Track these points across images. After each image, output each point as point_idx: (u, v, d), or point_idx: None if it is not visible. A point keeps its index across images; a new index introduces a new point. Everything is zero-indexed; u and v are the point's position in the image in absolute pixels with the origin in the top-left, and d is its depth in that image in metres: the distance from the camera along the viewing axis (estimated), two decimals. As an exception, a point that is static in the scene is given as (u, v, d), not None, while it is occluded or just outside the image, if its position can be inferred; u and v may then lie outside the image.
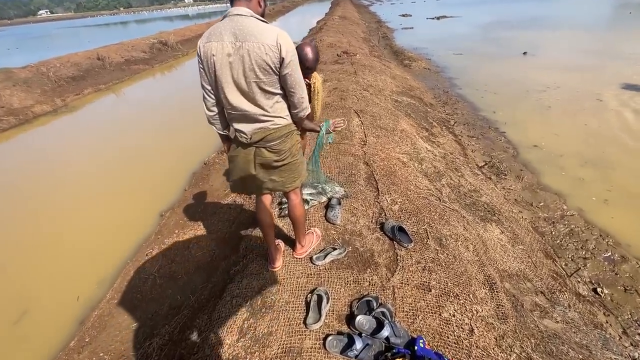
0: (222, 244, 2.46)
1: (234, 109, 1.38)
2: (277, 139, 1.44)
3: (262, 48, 1.23)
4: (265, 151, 1.45)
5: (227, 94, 1.34)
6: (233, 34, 1.24)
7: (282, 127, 1.45)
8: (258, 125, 1.40)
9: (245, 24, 1.24)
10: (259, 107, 1.37)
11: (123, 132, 6.43)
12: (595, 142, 4.41)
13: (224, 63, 1.27)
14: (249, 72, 1.27)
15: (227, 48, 1.25)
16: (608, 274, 2.51)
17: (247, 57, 1.24)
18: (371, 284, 1.64)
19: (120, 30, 32.84)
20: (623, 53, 8.82)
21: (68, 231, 3.56)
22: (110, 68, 10.98)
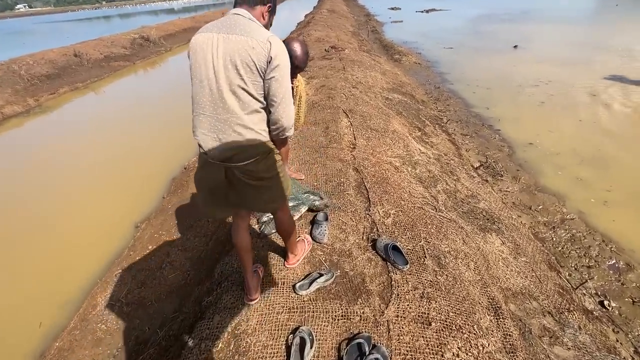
0: (197, 264, 2.21)
1: (203, 110, 1.19)
2: (249, 157, 1.22)
3: (249, 42, 1.11)
4: (237, 172, 1.24)
5: (200, 89, 1.18)
6: (224, 27, 1.15)
7: (257, 144, 1.22)
8: (227, 138, 1.18)
9: (239, 21, 1.16)
10: (233, 112, 1.16)
11: (100, 133, 6.05)
12: (590, 138, 4.28)
13: (205, 54, 1.15)
14: (230, 67, 1.13)
15: (213, 39, 1.14)
16: (614, 285, 2.36)
17: (231, 50, 1.12)
18: (362, 319, 1.43)
19: (102, 25, 31.69)
20: (612, 45, 8.78)
21: (33, 245, 3.26)
22: (89, 65, 10.47)
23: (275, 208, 1.47)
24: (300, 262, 1.75)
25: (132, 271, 2.42)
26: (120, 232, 3.25)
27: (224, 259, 1.89)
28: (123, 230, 3.26)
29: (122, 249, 2.95)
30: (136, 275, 2.34)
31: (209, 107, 1.18)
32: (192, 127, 1.25)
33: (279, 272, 1.71)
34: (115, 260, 2.82)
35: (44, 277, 2.81)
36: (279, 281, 1.64)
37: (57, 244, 3.21)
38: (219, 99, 1.16)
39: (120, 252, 2.93)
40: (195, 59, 1.17)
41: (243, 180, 1.25)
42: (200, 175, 1.33)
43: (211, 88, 1.15)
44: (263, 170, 1.27)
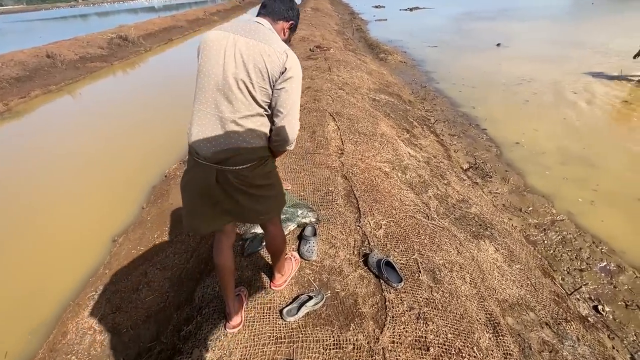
0: (177, 285, 2.06)
1: (205, 106, 1.12)
2: (245, 162, 1.14)
3: (266, 49, 1.09)
4: (230, 176, 1.14)
5: (206, 84, 1.11)
6: (242, 31, 1.12)
7: (255, 149, 1.14)
8: (226, 138, 1.10)
9: (260, 29, 1.14)
10: (236, 111, 1.09)
11: (76, 139, 5.74)
12: (575, 137, 4.31)
13: (218, 50, 1.10)
14: (242, 68, 1.08)
15: (229, 38, 1.11)
16: (607, 288, 2.33)
17: (246, 52, 1.09)
18: (356, 347, 1.32)
19: (79, 24, 30.52)
20: (589, 42, 8.98)
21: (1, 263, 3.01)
22: (63, 67, 9.99)
23: (268, 220, 1.36)
24: (288, 283, 1.63)
25: (107, 293, 2.24)
26: (97, 246, 3.04)
27: (204, 281, 1.75)
28: (99, 245, 3.06)
29: (98, 266, 2.76)
30: (111, 298, 2.16)
31: (212, 104, 1.11)
32: (188, 125, 1.17)
33: (265, 295, 1.58)
34: (89, 280, 2.63)
35: (12, 300, 2.59)
36: (264, 306, 1.52)
37: (27, 261, 2.97)
38: (224, 96, 1.10)
39: (95, 269, 2.74)
40: (206, 54, 1.12)
41: (236, 187, 1.16)
42: (188, 178, 1.22)
43: (217, 84, 1.10)
44: (259, 177, 1.20)
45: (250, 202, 1.21)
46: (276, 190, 1.31)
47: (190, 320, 1.57)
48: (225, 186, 1.16)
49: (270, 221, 1.38)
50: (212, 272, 1.83)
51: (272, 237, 1.44)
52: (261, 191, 1.23)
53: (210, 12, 22.80)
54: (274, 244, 1.46)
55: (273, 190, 1.28)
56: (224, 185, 1.16)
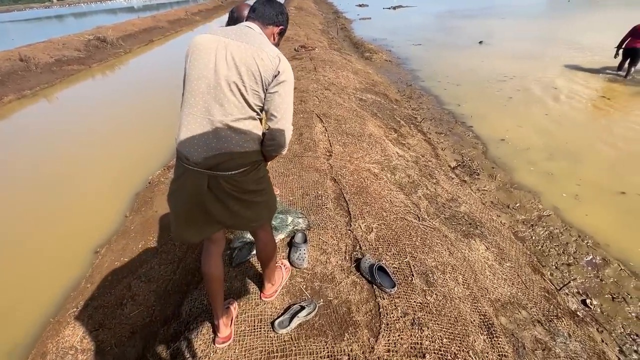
0: (164, 297, 1.98)
1: (195, 110, 1.08)
2: (238, 167, 1.11)
3: (259, 53, 1.07)
4: (223, 182, 1.11)
5: (196, 87, 1.08)
6: (232, 34, 1.10)
7: (248, 153, 1.11)
8: (217, 142, 1.07)
9: (250, 33, 1.13)
10: (228, 114, 1.06)
11: (54, 145, 5.50)
12: (557, 132, 4.40)
13: (209, 52, 1.08)
14: (234, 71, 1.06)
15: (220, 41, 1.09)
16: (594, 281, 2.38)
17: (239, 55, 1.07)
18: (351, 358, 1.28)
19: (54, 25, 29.43)
20: (567, 39, 9.24)
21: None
22: (37, 70, 9.59)
23: (259, 227, 1.33)
24: (279, 293, 1.58)
25: (89, 309, 2.13)
26: (78, 258, 2.91)
27: (192, 294, 1.68)
28: (80, 257, 2.92)
29: (79, 280, 2.64)
30: (93, 314, 2.06)
31: (202, 107, 1.08)
32: (177, 130, 1.13)
33: (255, 306, 1.53)
34: (70, 295, 2.51)
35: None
36: (254, 318, 1.47)
37: (2, 276, 2.82)
38: (215, 99, 1.07)
39: (76, 283, 2.62)
40: (196, 57, 1.09)
41: (228, 193, 1.13)
42: (177, 186, 1.17)
43: (209, 87, 1.07)
44: (252, 182, 1.17)
45: (242, 208, 1.18)
46: (268, 196, 1.28)
47: (177, 335, 1.50)
48: (217, 192, 1.13)
49: (261, 227, 1.35)
50: (199, 284, 1.76)
51: (263, 244, 1.40)
52: (253, 197, 1.20)
53: (191, 12, 22.37)
54: (265, 251, 1.42)
55: (265, 196, 1.25)
56: (216, 192, 1.13)
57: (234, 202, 1.16)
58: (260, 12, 1.18)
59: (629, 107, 5.06)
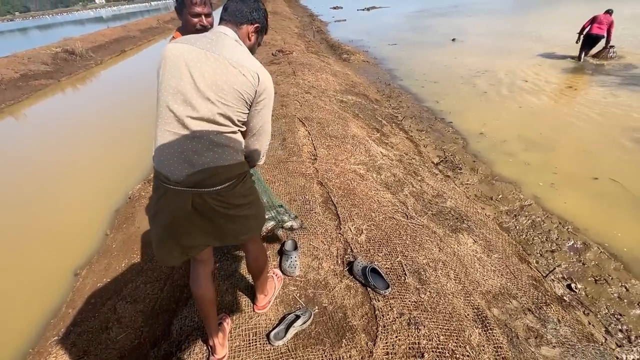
0: (152, 318, 1.90)
1: (171, 126, 1.01)
2: (223, 181, 1.04)
3: (239, 69, 1.01)
4: (209, 199, 1.04)
5: (172, 101, 1.00)
6: (209, 45, 1.02)
7: (233, 166, 1.05)
8: (199, 158, 1.00)
9: (226, 42, 1.05)
10: (209, 129, 1.00)
11: (24, 165, 5.23)
12: (531, 123, 4.56)
13: (187, 63, 1.00)
14: (214, 88, 1.00)
15: (196, 53, 1.01)
16: (576, 266, 2.46)
17: (219, 71, 1.00)
18: (350, 365, 1.26)
19: (18, 39, 28.14)
20: (534, 33, 9.64)
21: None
22: (2, 87, 9.13)
23: (249, 239, 1.27)
24: (272, 303, 1.54)
25: (72, 336, 2.02)
26: (56, 282, 2.76)
27: (182, 312, 1.62)
28: (59, 280, 2.78)
29: (59, 305, 2.50)
30: (77, 341, 1.95)
31: (179, 124, 1.00)
32: (153, 148, 1.05)
33: (249, 319, 1.49)
34: (50, 322, 2.37)
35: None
36: (249, 332, 1.43)
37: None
38: (194, 112, 0.99)
39: (57, 309, 2.48)
40: (169, 69, 1.01)
41: (215, 209, 1.06)
42: (157, 208, 1.08)
43: (186, 102, 0.99)
44: (239, 196, 1.10)
45: (229, 223, 1.13)
46: (256, 208, 1.22)
47: (169, 357, 1.44)
48: (202, 210, 1.06)
49: (251, 240, 1.30)
50: (189, 301, 1.70)
51: (254, 256, 1.36)
52: (241, 210, 1.13)
53: (164, 20, 21.93)
54: (256, 263, 1.38)
55: (253, 209, 1.19)
56: (201, 210, 1.05)
57: (221, 218, 1.10)
58: (231, 10, 1.09)
59: (592, 95, 5.32)
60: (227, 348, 1.37)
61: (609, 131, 4.19)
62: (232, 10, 1.10)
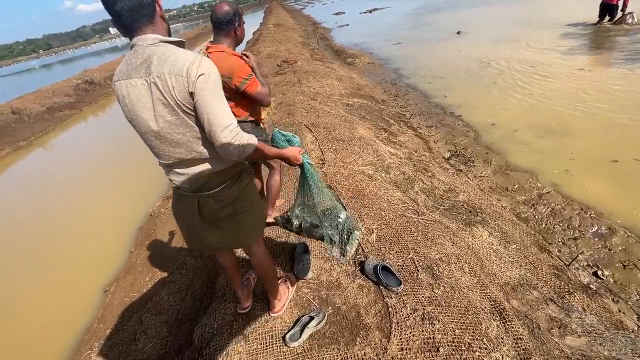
0: (175, 327, 1.98)
1: (160, 157, 1.10)
2: (220, 183, 1.15)
3: (171, 80, 0.94)
4: (211, 201, 1.16)
5: (146, 140, 1.08)
6: (140, 68, 0.97)
7: (224, 170, 1.12)
8: (191, 171, 1.10)
9: (153, 54, 0.96)
10: (184, 148, 1.04)
11: (54, 191, 5.56)
12: (544, 110, 4.42)
13: (135, 103, 1.00)
14: (162, 110, 0.99)
15: (136, 86, 0.98)
16: (602, 252, 2.36)
17: (158, 93, 0.96)
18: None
19: (43, 75, 30.02)
20: (540, 18, 9.37)
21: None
22: (30, 120, 9.76)
23: (253, 241, 1.35)
24: (287, 307, 1.58)
25: (104, 349, 2.13)
26: (88, 300, 2.92)
27: (202, 319, 1.68)
28: (91, 298, 2.93)
29: (92, 321, 2.64)
30: (108, 354, 2.06)
31: (165, 153, 1.08)
32: None
33: (265, 323, 1.53)
34: (84, 338, 2.51)
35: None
36: (265, 335, 1.47)
37: (17, 327, 2.83)
38: (167, 143, 1.04)
39: (89, 325, 2.62)
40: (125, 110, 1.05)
41: (217, 209, 1.17)
42: (177, 210, 1.26)
43: (156, 137, 1.04)
44: (237, 194, 1.20)
45: (235, 223, 1.23)
46: (256, 206, 1.31)
47: (192, 364, 1.50)
48: (207, 212, 1.17)
49: (255, 243, 1.36)
50: (208, 309, 1.76)
51: (257, 261, 1.41)
52: (243, 207, 1.22)
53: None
54: (260, 266, 1.42)
55: (253, 205, 1.27)
56: (206, 211, 1.17)
57: (225, 221, 1.20)
58: (126, 13, 0.94)
59: (606, 77, 5.09)
60: (251, 300, 1.65)
61: (627, 110, 4.00)
62: (125, 13, 0.94)
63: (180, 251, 2.76)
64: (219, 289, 1.86)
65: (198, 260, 2.41)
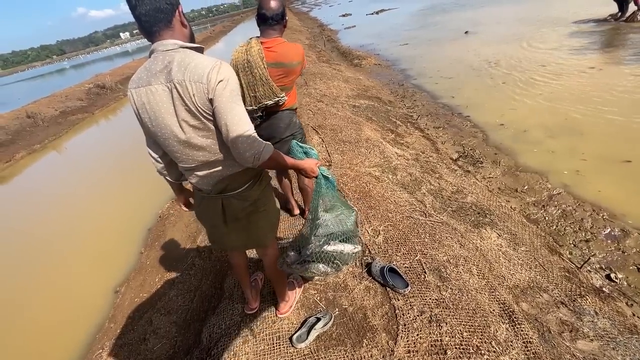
0: (184, 328, 2.00)
1: (183, 162, 1.12)
2: (243, 184, 1.19)
3: (192, 87, 0.95)
4: (235, 200, 1.20)
5: (169, 146, 1.08)
6: (161, 74, 0.98)
7: (246, 171, 1.15)
8: (215, 173, 1.12)
9: (173, 60, 0.97)
10: (208, 151, 1.07)
11: (67, 194, 5.69)
12: (554, 110, 4.35)
13: (157, 110, 1.00)
14: (185, 115, 1.00)
15: (157, 92, 0.99)
16: (615, 255, 2.31)
17: (179, 100, 0.97)
18: (372, 364, 1.27)
19: (56, 80, 30.75)
20: (550, 16, 9.22)
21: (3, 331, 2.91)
22: (44, 124, 10.01)
23: (270, 241, 1.39)
24: (294, 308, 1.59)
25: (115, 349, 2.17)
26: (100, 300, 2.97)
27: (210, 320, 1.70)
28: (102, 298, 2.99)
29: (103, 321, 2.69)
30: (119, 353, 2.10)
31: (187, 158, 1.10)
32: (165, 174, 1.28)
33: (272, 324, 1.54)
34: (96, 336, 2.56)
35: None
36: (273, 335, 1.48)
37: (31, 326, 2.89)
38: (190, 147, 1.06)
39: (101, 324, 2.67)
40: (145, 117, 1.05)
41: (240, 210, 1.21)
42: (200, 210, 1.30)
43: (179, 142, 1.05)
44: (258, 194, 1.24)
45: (254, 223, 1.27)
46: (273, 207, 1.34)
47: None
48: (231, 212, 1.20)
49: (270, 245, 1.41)
50: (216, 309, 1.78)
51: (270, 261, 1.44)
52: (263, 206, 1.27)
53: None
54: (273, 268, 1.45)
55: (271, 205, 1.32)
56: (230, 211, 1.20)
57: (244, 219, 1.24)
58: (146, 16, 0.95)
59: (618, 76, 4.98)
60: (259, 302, 1.67)
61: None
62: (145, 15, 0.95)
63: (188, 252, 2.80)
64: (227, 289, 1.89)
65: (206, 261, 2.44)
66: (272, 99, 1.67)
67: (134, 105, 1.05)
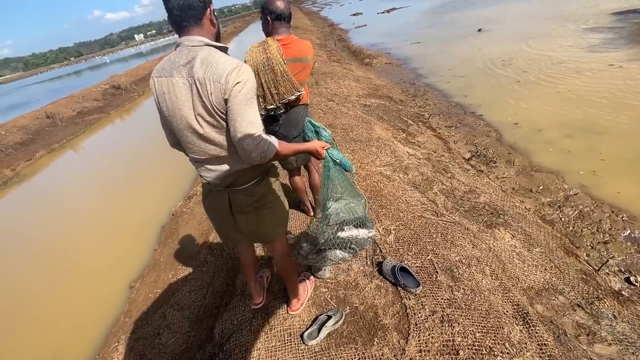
0: (197, 323, 2.04)
1: (194, 153, 1.14)
2: (250, 179, 1.20)
3: (210, 85, 0.98)
4: (241, 195, 1.21)
5: (182, 136, 1.11)
6: (184, 68, 1.01)
7: (254, 167, 1.16)
8: (224, 167, 1.15)
9: (197, 56, 0.99)
10: (220, 146, 1.09)
11: (83, 192, 5.85)
12: (571, 108, 4.23)
13: (175, 101, 1.04)
14: (201, 111, 1.02)
15: (177, 85, 1.02)
16: (635, 257, 2.24)
17: (197, 95, 1.00)
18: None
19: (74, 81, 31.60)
20: (565, 11, 8.98)
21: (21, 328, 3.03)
22: (63, 124, 10.31)
23: (276, 236, 1.39)
24: (305, 306, 1.60)
25: (130, 342, 2.23)
26: (115, 295, 3.05)
27: (222, 316, 1.73)
28: (118, 293, 3.07)
29: (119, 315, 2.76)
30: (134, 347, 2.15)
31: (200, 150, 1.12)
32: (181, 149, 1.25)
33: (283, 321, 1.55)
34: (112, 330, 2.63)
35: None
36: (284, 332, 1.49)
37: (48, 320, 3.00)
38: (205, 140, 1.08)
39: (116, 318, 2.74)
40: (164, 106, 1.08)
41: (245, 204, 1.22)
42: (207, 205, 1.32)
43: (196, 134, 1.08)
44: (265, 190, 1.25)
45: (262, 217, 1.27)
46: (281, 201, 1.35)
47: (212, 358, 1.54)
48: (237, 206, 1.22)
49: (278, 240, 1.41)
50: (228, 305, 1.81)
51: (280, 257, 1.46)
52: (270, 202, 1.27)
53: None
54: (282, 264, 1.47)
55: (279, 201, 1.33)
56: (235, 205, 1.22)
57: (252, 213, 1.25)
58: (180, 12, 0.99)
59: (638, 73, 4.81)
60: (263, 297, 1.68)
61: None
62: (179, 11, 0.97)
63: (201, 249, 2.84)
64: (239, 286, 1.91)
65: (218, 258, 2.48)
66: (294, 94, 1.70)
67: (154, 92, 1.09)
